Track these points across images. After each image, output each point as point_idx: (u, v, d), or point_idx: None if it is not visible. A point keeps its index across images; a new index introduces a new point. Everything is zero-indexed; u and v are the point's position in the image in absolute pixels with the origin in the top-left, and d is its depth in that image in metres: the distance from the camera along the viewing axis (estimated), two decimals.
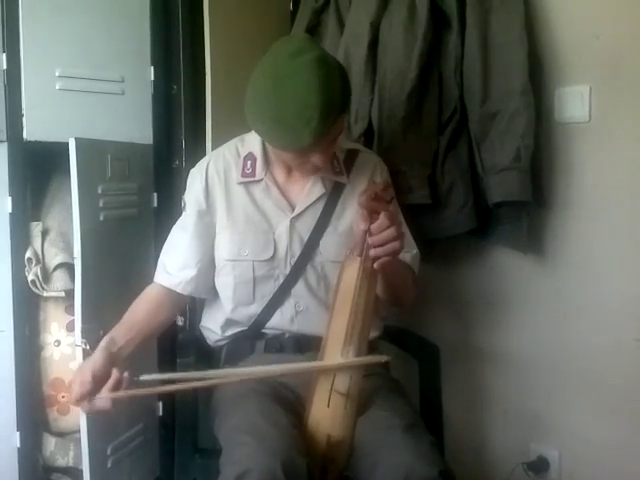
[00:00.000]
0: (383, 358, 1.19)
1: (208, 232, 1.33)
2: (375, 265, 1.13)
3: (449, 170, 1.58)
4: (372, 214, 1.12)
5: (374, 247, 1.12)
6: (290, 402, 1.24)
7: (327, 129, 1.14)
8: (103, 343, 1.20)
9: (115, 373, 1.14)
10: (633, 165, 1.47)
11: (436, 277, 1.77)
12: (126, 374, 1.14)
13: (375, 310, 1.28)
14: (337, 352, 1.16)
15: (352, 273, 1.16)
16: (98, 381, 1.14)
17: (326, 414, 1.16)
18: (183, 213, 1.36)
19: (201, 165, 1.35)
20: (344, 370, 1.16)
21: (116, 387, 1.13)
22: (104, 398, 1.13)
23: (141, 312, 1.30)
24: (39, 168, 1.57)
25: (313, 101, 1.10)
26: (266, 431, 1.09)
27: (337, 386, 1.15)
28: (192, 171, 1.36)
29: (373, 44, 1.59)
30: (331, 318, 1.18)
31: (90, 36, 1.52)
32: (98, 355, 1.17)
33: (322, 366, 1.17)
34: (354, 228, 1.21)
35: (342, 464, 1.17)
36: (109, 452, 1.50)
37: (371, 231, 1.11)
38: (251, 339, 1.33)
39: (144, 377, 1.15)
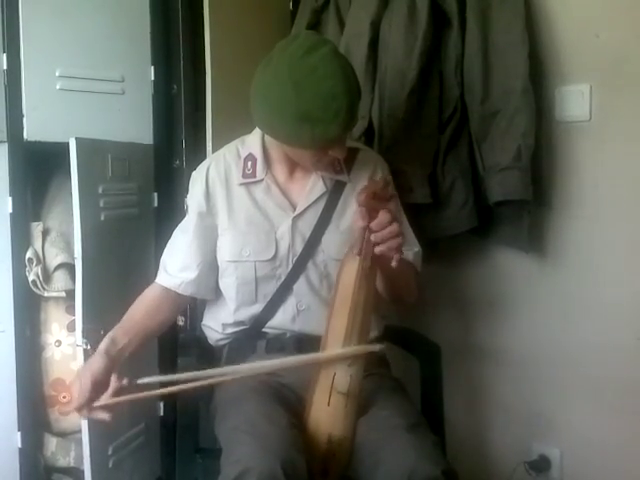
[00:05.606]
0: (376, 347, 1.19)
1: (209, 234, 1.32)
2: (368, 262, 1.12)
3: (450, 169, 1.58)
4: (371, 212, 1.11)
5: (377, 244, 1.10)
6: (290, 402, 1.23)
7: (353, 118, 1.16)
8: (103, 345, 1.20)
9: (114, 380, 1.14)
10: (634, 163, 1.47)
11: (437, 276, 1.77)
12: (125, 381, 1.14)
13: (374, 308, 1.28)
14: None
15: (351, 272, 1.15)
16: (97, 388, 1.14)
17: (326, 413, 1.16)
18: (186, 216, 1.36)
19: (202, 168, 1.35)
20: (344, 369, 1.15)
21: (116, 395, 1.13)
22: (102, 408, 1.13)
23: (140, 313, 1.30)
24: (40, 168, 1.57)
25: (339, 92, 1.11)
26: (266, 430, 1.09)
27: (337, 385, 1.15)
28: (193, 174, 1.37)
29: (373, 43, 1.59)
30: (330, 317, 1.18)
31: (90, 36, 1.52)
32: (98, 360, 1.17)
33: (317, 358, 1.17)
34: (353, 226, 1.20)
35: (343, 464, 1.17)
36: (110, 452, 1.50)
37: (372, 228, 1.10)
38: (252, 339, 1.33)
39: (142, 380, 1.15)
